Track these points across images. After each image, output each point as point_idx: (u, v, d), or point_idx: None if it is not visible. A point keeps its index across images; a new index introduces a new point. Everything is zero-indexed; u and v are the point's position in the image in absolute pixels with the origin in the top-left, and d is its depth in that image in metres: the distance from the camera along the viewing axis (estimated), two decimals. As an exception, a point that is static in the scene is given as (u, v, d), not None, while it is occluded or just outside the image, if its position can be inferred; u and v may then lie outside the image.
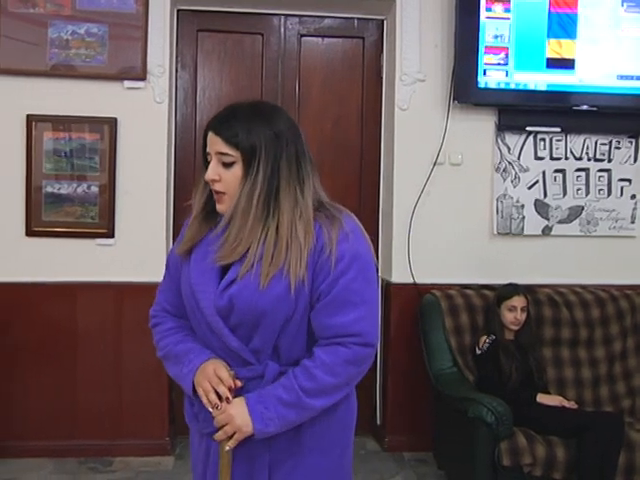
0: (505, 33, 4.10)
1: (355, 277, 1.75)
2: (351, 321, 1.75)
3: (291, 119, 1.85)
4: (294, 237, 1.73)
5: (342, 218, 1.80)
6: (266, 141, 1.76)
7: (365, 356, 1.78)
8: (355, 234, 1.79)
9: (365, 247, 1.81)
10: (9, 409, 4.06)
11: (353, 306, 1.75)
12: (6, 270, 4.02)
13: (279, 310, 1.74)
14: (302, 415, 1.77)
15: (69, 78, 4.01)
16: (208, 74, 4.37)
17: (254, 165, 1.75)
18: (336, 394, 1.80)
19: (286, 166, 1.78)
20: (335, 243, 1.74)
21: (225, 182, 1.79)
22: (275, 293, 1.72)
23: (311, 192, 1.82)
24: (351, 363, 1.76)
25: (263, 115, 1.80)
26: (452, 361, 3.90)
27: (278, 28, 4.39)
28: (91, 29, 4.00)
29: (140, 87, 4.05)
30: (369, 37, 4.45)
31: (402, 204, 4.24)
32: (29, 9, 3.96)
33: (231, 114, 1.80)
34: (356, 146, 4.47)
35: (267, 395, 1.75)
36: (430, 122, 4.23)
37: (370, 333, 1.77)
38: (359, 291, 1.76)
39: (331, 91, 4.45)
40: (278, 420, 1.74)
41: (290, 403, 1.74)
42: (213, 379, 1.77)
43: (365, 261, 1.78)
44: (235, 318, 1.76)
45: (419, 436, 4.21)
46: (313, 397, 1.74)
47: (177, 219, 4.31)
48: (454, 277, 4.25)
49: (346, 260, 1.74)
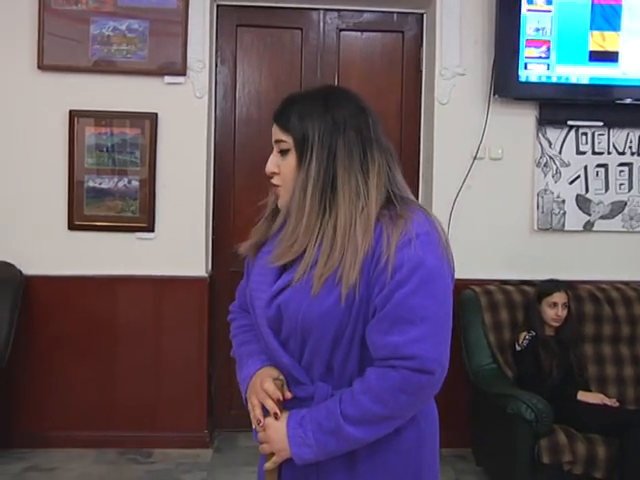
0: (547, 26, 4.04)
1: (415, 290, 1.49)
2: (406, 341, 1.49)
3: (358, 103, 1.66)
4: (351, 236, 1.52)
5: (411, 219, 1.54)
6: (320, 127, 1.59)
7: (422, 385, 1.51)
8: (422, 239, 1.52)
9: (435, 256, 1.53)
10: (51, 400, 4.13)
11: (410, 324, 1.49)
12: (49, 263, 4.08)
13: (329, 321, 1.53)
14: (343, 445, 1.54)
15: (110, 74, 4.06)
16: (247, 69, 4.38)
17: (307, 153, 1.59)
18: (384, 425, 1.54)
19: (345, 154, 1.58)
20: (394, 249, 1.50)
21: (282, 174, 1.65)
22: (326, 301, 1.52)
23: (379, 183, 1.59)
24: (402, 391, 1.50)
25: (322, 100, 1.63)
26: (491, 357, 3.87)
27: (317, 23, 4.39)
28: (132, 25, 4.04)
29: (180, 82, 4.09)
30: (408, 31, 4.43)
31: (442, 199, 4.21)
32: (72, 6, 4.01)
33: (289, 100, 1.68)
34: (395, 141, 4.45)
35: (309, 418, 1.56)
36: (470, 116, 4.20)
37: (430, 358, 1.49)
38: (419, 307, 1.49)
39: (370, 86, 4.43)
40: (317, 447, 1.54)
41: (330, 430, 1.53)
42: (260, 393, 1.62)
43: (431, 272, 1.51)
44: (285, 330, 1.60)
45: (457, 432, 4.18)
46: (355, 426, 1.51)
47: (216, 214, 4.34)
48: (494, 273, 4.22)
49: (405, 270, 1.49)
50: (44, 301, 4.08)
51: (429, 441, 1.68)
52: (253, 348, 1.74)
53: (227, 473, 3.90)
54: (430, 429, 1.69)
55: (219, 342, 4.34)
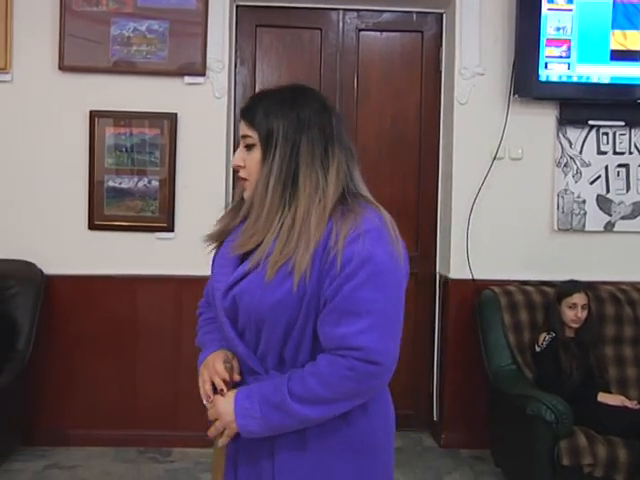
0: (567, 25, 4.02)
1: (363, 284, 1.53)
2: (353, 333, 1.53)
3: (323, 102, 1.73)
4: (306, 227, 1.57)
5: (361, 214, 1.59)
6: (285, 124, 1.64)
7: (368, 375, 1.55)
8: (372, 234, 1.56)
9: (384, 250, 1.56)
10: (72, 399, 4.16)
11: (357, 316, 1.53)
12: (69, 263, 4.11)
13: (281, 312, 1.58)
14: (287, 420, 1.58)
15: (130, 74, 4.08)
16: (267, 69, 4.39)
17: (271, 149, 1.64)
18: (328, 407, 1.58)
19: (307, 150, 1.63)
20: (343, 244, 1.54)
21: (248, 167, 1.70)
22: (278, 291, 1.57)
23: (337, 179, 1.63)
24: (349, 378, 1.55)
25: (288, 98, 1.69)
26: (511, 358, 3.85)
27: (337, 23, 4.39)
28: (152, 26, 4.06)
29: (200, 83, 4.10)
30: (428, 31, 4.41)
31: (461, 199, 4.20)
32: (92, 7, 4.03)
33: (257, 97, 1.75)
34: (414, 140, 4.45)
35: (256, 391, 1.61)
36: (490, 116, 4.18)
37: (377, 350, 1.53)
38: (366, 300, 1.53)
39: (389, 85, 4.43)
40: (262, 420, 1.59)
41: (275, 404, 1.57)
42: (210, 370, 1.69)
43: (379, 267, 1.54)
44: (241, 320, 1.65)
45: (476, 433, 4.17)
46: (300, 403, 1.56)
47: (235, 213, 4.34)
48: (513, 273, 4.20)
49: (354, 264, 1.53)
50: (65, 300, 4.11)
51: (381, 435, 1.71)
52: (214, 336, 1.81)
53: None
54: (383, 421, 1.72)
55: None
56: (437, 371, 4.44)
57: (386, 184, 4.43)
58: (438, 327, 4.43)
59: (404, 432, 4.45)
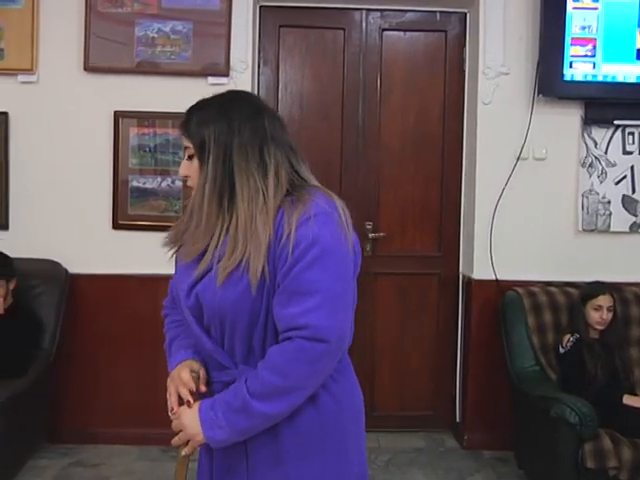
0: (593, 24, 3.99)
1: (310, 264, 1.56)
2: (300, 312, 1.56)
3: (257, 105, 1.75)
4: (254, 231, 1.60)
5: (310, 200, 1.62)
6: (216, 132, 1.67)
7: (318, 353, 1.56)
8: (319, 217, 1.60)
9: (331, 232, 1.60)
10: (96, 397, 4.19)
11: (305, 296, 1.56)
12: (94, 262, 4.14)
13: (241, 308, 1.61)
14: (253, 422, 1.60)
15: (154, 75, 4.10)
16: (290, 69, 4.40)
17: (205, 157, 1.68)
18: (288, 397, 1.59)
19: (240, 155, 1.66)
20: (294, 228, 1.58)
21: (192, 177, 1.73)
22: (234, 292, 1.60)
23: (277, 179, 1.66)
24: (299, 360, 1.56)
25: (218, 106, 1.72)
26: (534, 359, 3.83)
27: (360, 23, 4.38)
28: (176, 27, 4.08)
29: (223, 83, 4.11)
30: (451, 30, 4.40)
31: (484, 199, 4.18)
32: (117, 9, 4.06)
33: (192, 108, 1.77)
34: (438, 140, 4.43)
35: (219, 401, 1.63)
36: (513, 116, 4.16)
37: (323, 327, 1.55)
38: (313, 280, 1.56)
39: (413, 85, 4.42)
40: (228, 427, 1.60)
41: (238, 408, 1.59)
42: (176, 381, 1.72)
43: (326, 248, 1.58)
44: (206, 317, 1.69)
45: (499, 434, 4.15)
46: (261, 401, 1.58)
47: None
48: (537, 274, 4.17)
49: (302, 246, 1.57)
50: (89, 299, 4.14)
51: (350, 417, 1.75)
52: (182, 343, 1.83)
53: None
54: (350, 405, 1.75)
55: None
56: (460, 372, 4.43)
57: (409, 184, 4.43)
58: (461, 328, 4.42)
59: (426, 432, 4.45)
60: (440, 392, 4.50)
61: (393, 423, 4.48)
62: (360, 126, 4.40)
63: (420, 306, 4.48)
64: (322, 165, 4.39)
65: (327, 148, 4.40)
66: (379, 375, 4.48)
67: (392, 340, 4.48)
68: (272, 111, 1.78)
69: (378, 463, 4.06)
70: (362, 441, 1.82)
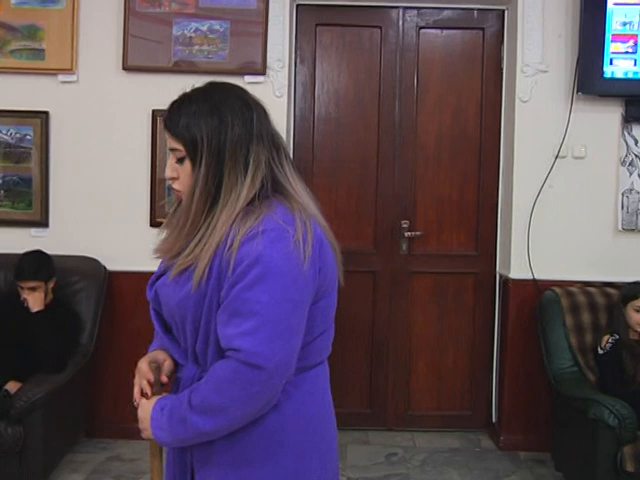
0: (635, 20, 3.93)
1: (251, 285, 1.48)
2: (236, 334, 1.49)
3: (245, 99, 1.66)
4: (214, 229, 1.55)
5: (264, 214, 1.53)
6: (208, 130, 1.58)
7: (251, 379, 1.48)
8: (268, 234, 1.50)
9: (279, 251, 1.50)
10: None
11: (242, 318, 1.49)
12: (132, 259, 4.17)
13: (185, 309, 1.58)
14: (190, 434, 1.54)
15: (191, 74, 4.13)
16: (326, 68, 4.40)
17: (197, 159, 1.58)
18: (222, 417, 1.52)
19: (231, 155, 1.57)
20: (238, 244, 1.50)
21: (181, 179, 1.63)
22: (181, 291, 1.57)
23: (252, 183, 1.58)
24: (233, 382, 1.49)
25: (207, 101, 1.63)
26: (572, 360, 3.78)
27: (396, 21, 4.37)
28: (213, 26, 4.10)
29: (260, 82, 4.12)
30: (489, 28, 4.36)
31: (522, 198, 4.15)
32: (155, 9, 4.10)
33: (177, 103, 1.67)
34: (475, 139, 4.40)
35: (169, 405, 1.58)
36: (552, 114, 4.12)
37: (257, 353, 1.47)
38: (252, 302, 1.48)
39: (450, 83, 4.39)
40: (169, 433, 1.56)
41: (179, 418, 1.55)
42: (138, 372, 1.71)
43: (271, 268, 1.49)
44: (164, 313, 1.67)
45: (536, 436, 4.11)
46: (199, 415, 1.52)
47: (294, 212, 4.36)
48: (576, 274, 4.12)
49: (244, 264, 1.49)
50: (127, 296, 4.19)
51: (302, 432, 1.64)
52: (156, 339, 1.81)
53: (303, 470, 3.92)
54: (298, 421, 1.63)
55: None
56: (496, 372, 4.39)
57: (445, 183, 4.41)
58: (498, 327, 4.38)
59: (462, 432, 4.43)
60: (476, 392, 4.47)
61: (428, 422, 4.47)
62: (396, 124, 4.39)
63: (456, 305, 4.45)
64: (358, 164, 4.39)
65: (363, 147, 4.39)
66: (415, 374, 4.47)
67: (428, 339, 4.46)
68: (259, 103, 1.70)
69: (414, 463, 4.04)
70: (321, 453, 1.70)
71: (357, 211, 4.43)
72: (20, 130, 4.16)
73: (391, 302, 4.43)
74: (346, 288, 4.78)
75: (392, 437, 4.39)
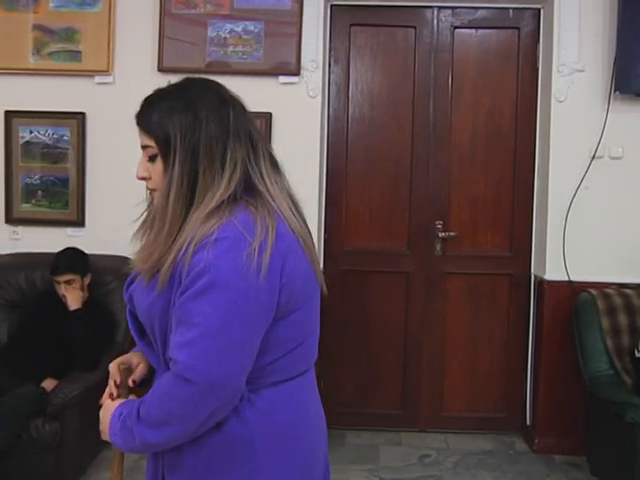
0: (673, 18, 3.87)
1: (196, 295, 1.41)
2: (176, 344, 1.43)
3: (221, 95, 1.61)
4: (181, 232, 1.48)
5: (221, 220, 1.46)
6: (182, 127, 1.51)
7: (185, 393, 1.42)
8: (222, 243, 1.43)
9: (229, 262, 1.42)
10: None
11: (184, 328, 1.42)
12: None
13: (152, 315, 1.52)
14: (137, 444, 1.50)
15: (225, 75, 4.14)
16: (360, 68, 4.39)
17: (170, 157, 1.51)
18: (166, 430, 1.46)
19: (206, 153, 1.50)
20: (192, 251, 1.43)
21: (154, 178, 1.57)
22: (149, 296, 1.51)
23: (228, 185, 1.50)
24: (171, 397, 1.44)
25: (182, 97, 1.56)
26: (609, 363, 3.74)
27: (431, 20, 4.35)
28: (248, 27, 4.12)
29: (294, 82, 4.14)
30: (525, 27, 4.33)
31: (558, 199, 4.11)
32: (190, 10, 4.13)
33: (150, 100, 1.61)
34: (510, 139, 4.37)
35: (125, 412, 1.54)
36: (589, 114, 4.07)
37: (189, 366, 1.41)
38: (195, 313, 1.41)
39: (485, 83, 4.37)
40: (122, 440, 1.53)
41: (128, 427, 1.50)
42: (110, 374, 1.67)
43: (219, 279, 1.41)
44: (139, 317, 1.60)
45: (571, 439, 4.07)
46: (144, 426, 1.48)
47: (328, 212, 4.37)
48: (612, 275, 4.08)
49: (193, 273, 1.42)
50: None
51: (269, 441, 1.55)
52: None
53: (336, 471, 3.89)
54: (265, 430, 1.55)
55: (329, 340, 4.37)
56: (531, 374, 4.35)
57: (480, 183, 4.38)
58: (532, 329, 4.34)
59: (495, 435, 4.40)
60: (510, 394, 4.44)
61: (462, 424, 4.44)
62: (431, 125, 4.37)
63: (490, 307, 4.42)
64: (392, 164, 4.38)
65: (397, 147, 4.38)
66: (448, 375, 4.45)
67: (462, 340, 4.44)
68: (237, 100, 1.64)
69: (446, 464, 4.02)
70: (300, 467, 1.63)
71: (390, 211, 4.42)
72: (57, 131, 4.22)
73: (425, 303, 4.41)
74: (379, 289, 4.80)
75: (425, 438, 4.37)
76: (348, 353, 4.44)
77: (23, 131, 4.22)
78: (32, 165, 4.24)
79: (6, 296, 4.01)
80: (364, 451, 4.17)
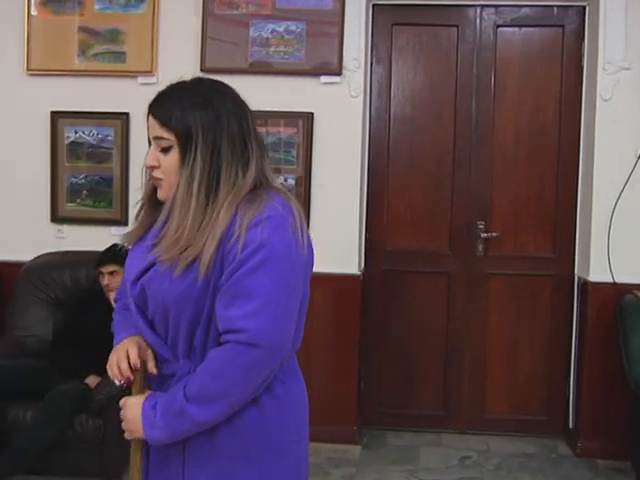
0: None
1: (255, 268, 1.53)
2: (240, 315, 1.53)
3: (236, 96, 1.72)
4: (216, 220, 1.57)
5: (265, 201, 1.59)
6: (203, 123, 1.61)
7: (251, 359, 1.53)
8: (271, 221, 1.56)
9: (281, 237, 1.56)
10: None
11: (246, 299, 1.53)
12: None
13: (186, 301, 1.58)
14: (188, 426, 1.57)
15: (266, 75, 4.17)
16: (402, 67, 4.38)
17: (191, 150, 1.60)
18: (223, 403, 1.56)
19: (228, 147, 1.61)
20: (245, 228, 1.54)
21: (163, 168, 1.65)
22: (184, 281, 1.57)
23: (254, 173, 1.63)
24: (234, 365, 1.54)
25: (201, 94, 1.65)
26: (654, 366, 3.68)
27: (474, 19, 4.32)
28: (290, 27, 4.13)
29: (336, 82, 4.14)
30: (569, 25, 4.27)
31: (602, 199, 4.05)
32: (233, 10, 4.15)
33: (167, 95, 1.68)
34: (554, 138, 4.31)
35: (160, 402, 1.59)
36: (635, 112, 4.01)
37: (258, 333, 1.52)
38: (256, 285, 1.53)
39: (528, 82, 4.32)
40: (165, 429, 1.58)
41: (175, 412, 1.56)
42: (120, 352, 1.68)
43: (274, 253, 1.54)
44: (151, 309, 1.65)
45: (616, 443, 4.00)
46: (197, 405, 1.55)
47: (370, 212, 4.36)
48: (659, 277, 4.01)
49: (249, 249, 1.53)
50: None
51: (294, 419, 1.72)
52: (129, 323, 1.76)
53: (376, 471, 3.92)
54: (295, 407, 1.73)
55: (370, 340, 4.37)
56: (574, 376, 4.29)
57: (523, 182, 4.33)
58: (576, 331, 4.28)
59: (537, 437, 4.35)
60: (553, 397, 4.38)
61: (503, 426, 4.40)
62: (473, 124, 4.34)
63: (533, 308, 4.37)
64: (433, 163, 4.36)
65: (439, 146, 4.36)
66: (490, 377, 4.41)
67: (504, 342, 4.40)
68: (245, 101, 1.74)
69: (487, 467, 3.99)
70: (305, 442, 1.82)
71: (432, 211, 4.40)
72: (102, 131, 4.28)
73: (466, 304, 4.38)
74: (420, 289, 4.77)
75: (466, 440, 4.34)
76: (389, 353, 4.43)
77: (68, 131, 4.29)
78: (77, 165, 4.31)
79: (51, 294, 4.07)
80: (404, 452, 4.16)
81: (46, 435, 3.39)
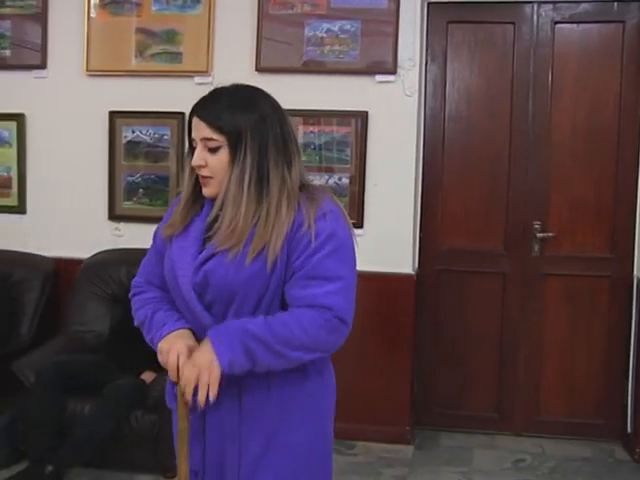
0: None
1: (329, 254, 1.75)
2: (324, 293, 1.73)
3: (275, 101, 1.88)
4: (279, 215, 1.75)
5: (322, 198, 1.80)
6: (251, 124, 1.77)
7: (337, 329, 1.75)
8: (333, 214, 1.79)
9: (343, 228, 1.80)
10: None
11: (326, 280, 1.74)
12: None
13: (253, 286, 1.75)
14: (269, 357, 1.71)
15: (321, 74, 4.17)
16: (457, 66, 4.34)
17: (241, 149, 1.76)
18: (304, 353, 1.74)
19: (274, 147, 1.78)
20: (313, 220, 1.75)
21: (211, 167, 1.79)
22: (249, 270, 1.73)
23: (297, 171, 1.82)
24: (322, 327, 1.72)
25: (246, 98, 1.83)
26: None
27: (530, 16, 4.26)
28: (344, 26, 4.13)
29: (391, 81, 4.12)
30: (630, 20, 4.18)
31: (663, 199, 3.97)
32: (287, 10, 4.17)
33: (215, 98, 1.82)
34: (612, 137, 4.23)
35: (233, 328, 1.72)
36: (698, 110, 3.91)
37: (343, 308, 1.74)
38: (334, 268, 1.75)
39: (586, 80, 4.24)
40: (246, 354, 1.70)
41: (260, 339, 1.70)
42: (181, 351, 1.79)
43: (342, 242, 1.78)
44: (210, 295, 1.78)
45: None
46: (281, 344, 1.71)
47: (424, 211, 4.34)
48: None
49: (322, 238, 1.74)
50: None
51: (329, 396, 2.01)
52: (171, 313, 1.89)
53: (428, 472, 3.90)
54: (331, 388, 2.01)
55: (424, 340, 4.35)
56: (632, 379, 4.21)
57: (580, 181, 4.26)
58: (634, 333, 4.19)
59: (594, 441, 4.27)
60: (610, 400, 4.30)
61: (558, 429, 4.34)
62: (529, 122, 4.28)
63: (590, 309, 4.30)
64: (489, 162, 4.31)
65: (495, 145, 4.31)
66: (545, 378, 4.35)
67: (560, 343, 4.33)
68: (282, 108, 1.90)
69: (542, 470, 3.94)
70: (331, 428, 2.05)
71: (487, 211, 4.35)
72: (158, 130, 4.34)
73: (521, 304, 4.32)
74: (475, 289, 4.73)
75: (520, 442, 4.29)
76: (443, 353, 4.40)
77: (126, 131, 4.36)
78: (134, 164, 4.38)
79: (108, 290, 4.15)
80: (457, 453, 4.13)
81: (104, 429, 3.46)
